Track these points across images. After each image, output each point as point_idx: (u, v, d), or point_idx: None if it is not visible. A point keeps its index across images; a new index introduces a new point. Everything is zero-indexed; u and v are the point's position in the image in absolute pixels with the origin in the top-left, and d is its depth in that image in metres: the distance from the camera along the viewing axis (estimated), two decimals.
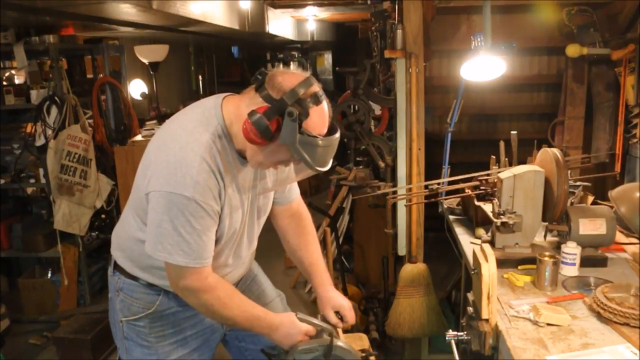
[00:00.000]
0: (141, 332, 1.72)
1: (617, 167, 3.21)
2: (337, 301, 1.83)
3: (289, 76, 1.47)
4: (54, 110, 3.66)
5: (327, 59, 10.61)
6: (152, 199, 1.51)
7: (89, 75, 4.53)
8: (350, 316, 1.83)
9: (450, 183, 2.67)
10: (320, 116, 1.47)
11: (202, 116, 1.56)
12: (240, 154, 1.57)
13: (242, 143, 1.53)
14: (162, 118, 5.15)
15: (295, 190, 1.92)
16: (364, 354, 1.80)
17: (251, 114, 1.43)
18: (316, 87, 1.47)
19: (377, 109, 3.83)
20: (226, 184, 1.55)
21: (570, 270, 1.95)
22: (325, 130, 1.49)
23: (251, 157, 1.54)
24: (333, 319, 1.81)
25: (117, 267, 1.74)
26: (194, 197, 1.46)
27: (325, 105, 1.49)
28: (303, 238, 1.92)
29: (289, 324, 1.67)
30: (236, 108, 1.53)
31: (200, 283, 1.56)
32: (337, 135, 1.51)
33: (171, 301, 1.71)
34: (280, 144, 1.44)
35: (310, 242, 1.92)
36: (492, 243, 2.09)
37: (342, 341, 1.71)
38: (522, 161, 2.46)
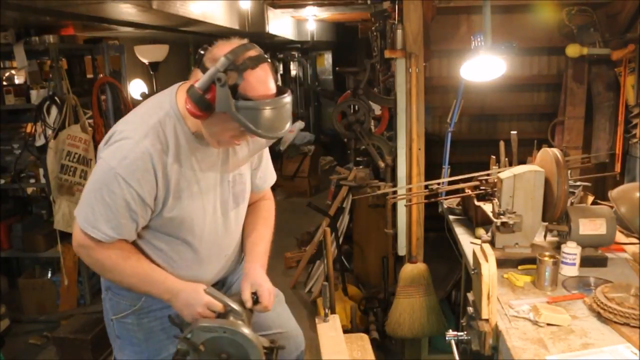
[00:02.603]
0: (131, 330, 1.73)
1: (617, 167, 3.21)
2: (258, 279, 1.72)
3: (225, 45, 1.46)
4: (54, 110, 3.66)
5: (327, 59, 10.61)
6: None
7: (89, 75, 4.53)
8: (266, 299, 1.69)
9: (450, 183, 2.67)
10: (258, 79, 1.43)
11: (155, 102, 1.60)
12: (198, 136, 1.56)
13: (196, 124, 1.53)
14: None
15: (269, 180, 1.90)
16: (270, 346, 1.68)
17: (189, 88, 1.44)
18: (253, 52, 1.45)
19: (377, 109, 3.83)
20: (171, 167, 1.52)
21: (570, 270, 1.95)
22: (269, 94, 1.44)
23: (207, 136, 1.53)
24: (246, 294, 1.68)
25: None
26: (116, 169, 1.47)
27: (265, 67, 1.45)
28: (253, 217, 1.88)
29: (190, 292, 1.60)
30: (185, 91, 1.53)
31: (91, 242, 1.55)
32: (285, 97, 1.45)
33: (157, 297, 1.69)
34: (222, 120, 1.43)
35: (259, 223, 1.87)
36: (492, 243, 2.09)
37: (247, 328, 1.60)
38: (522, 161, 2.46)
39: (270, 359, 1.67)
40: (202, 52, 1.49)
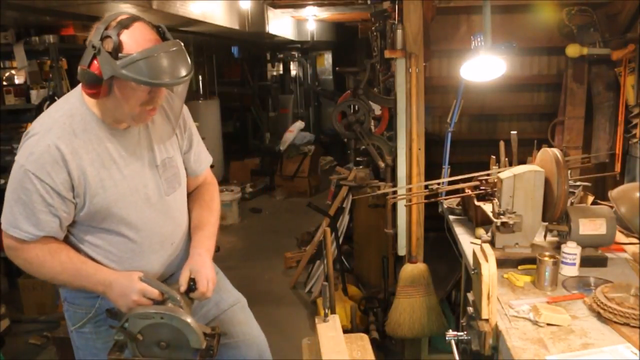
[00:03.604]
0: (90, 339, 1.71)
1: (617, 167, 3.21)
2: (197, 265, 1.67)
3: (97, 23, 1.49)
4: None
5: (327, 59, 10.61)
6: None
7: None
8: (203, 285, 1.64)
9: (450, 183, 2.67)
10: (134, 35, 1.44)
11: (62, 99, 1.63)
12: (112, 125, 1.57)
13: (106, 113, 1.54)
14: None
15: (204, 163, 1.89)
16: (211, 332, 1.63)
17: (78, 73, 1.48)
18: (124, 15, 1.47)
19: (377, 109, 3.83)
20: (85, 157, 1.52)
21: (570, 270, 1.95)
22: (150, 45, 1.44)
23: (119, 116, 1.53)
24: (182, 278, 1.64)
25: None
26: (25, 165, 1.48)
27: (140, 25, 1.47)
28: (195, 202, 1.87)
29: (124, 280, 1.56)
30: None
31: (16, 243, 1.55)
32: (169, 42, 1.46)
33: (111, 303, 1.65)
34: (115, 82, 1.44)
35: (202, 207, 1.86)
36: (492, 243, 2.09)
37: (185, 314, 1.55)
38: (522, 161, 2.46)
39: (211, 345, 1.61)
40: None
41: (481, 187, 2.44)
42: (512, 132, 2.58)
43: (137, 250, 1.65)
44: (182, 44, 1.50)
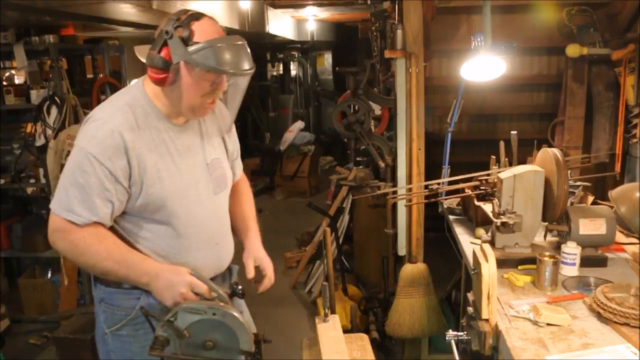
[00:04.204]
0: (126, 342, 1.67)
1: (617, 167, 3.21)
2: (260, 253, 1.75)
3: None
4: (54, 110, 3.66)
5: (327, 59, 10.60)
6: None
7: (89, 75, 4.53)
8: (271, 272, 1.70)
9: (450, 183, 2.67)
10: (204, 26, 1.49)
11: (124, 89, 1.68)
12: (171, 118, 1.60)
13: (167, 105, 1.57)
14: None
15: (239, 168, 1.92)
16: (256, 337, 1.54)
17: (147, 58, 1.51)
18: (193, 11, 1.53)
19: (377, 109, 3.83)
20: (145, 147, 1.53)
21: (570, 270, 1.95)
22: (219, 36, 1.50)
23: (179, 107, 1.56)
24: (250, 270, 1.68)
25: (96, 278, 1.69)
26: (86, 148, 1.48)
27: (210, 19, 1.52)
28: (237, 198, 1.90)
29: (172, 272, 1.52)
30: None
31: (65, 224, 1.53)
32: (235, 36, 1.51)
33: (152, 302, 1.62)
34: (182, 70, 1.48)
35: (243, 202, 1.92)
36: (492, 243, 2.09)
37: (238, 312, 1.48)
38: (522, 161, 2.46)
39: (258, 350, 1.53)
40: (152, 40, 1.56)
41: (481, 187, 2.44)
42: (512, 132, 2.58)
43: (184, 245, 1.64)
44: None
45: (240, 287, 1.58)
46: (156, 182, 1.56)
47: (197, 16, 1.50)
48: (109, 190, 1.51)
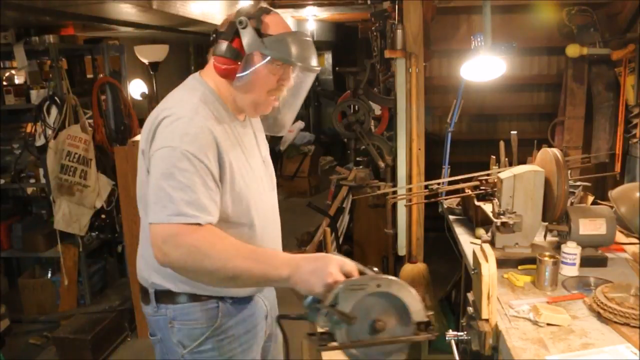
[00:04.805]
0: (210, 357, 1.54)
1: (617, 167, 3.22)
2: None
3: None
4: (54, 110, 3.66)
5: (327, 59, 10.60)
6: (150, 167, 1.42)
7: (89, 75, 4.53)
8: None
9: (450, 183, 2.67)
10: (276, 19, 1.48)
11: (184, 88, 1.54)
12: (236, 112, 1.55)
13: (231, 100, 1.52)
14: None
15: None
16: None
17: (215, 48, 1.47)
18: (263, 4, 1.50)
19: (377, 109, 3.83)
20: (225, 143, 1.45)
21: (570, 270, 1.95)
22: (289, 30, 1.48)
23: (243, 102, 1.51)
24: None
25: (159, 299, 1.54)
26: (181, 146, 1.34)
27: (278, 14, 1.50)
28: None
29: (311, 257, 1.31)
30: (211, 70, 1.52)
31: (178, 228, 1.32)
32: (303, 32, 1.51)
33: (231, 309, 1.55)
34: (254, 61, 1.43)
35: None
36: (492, 243, 2.09)
37: (395, 278, 1.29)
38: (522, 161, 2.46)
39: (430, 320, 1.33)
40: (214, 35, 1.51)
41: (481, 187, 2.44)
42: (512, 132, 2.58)
43: (256, 242, 1.54)
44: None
45: (375, 268, 1.37)
46: (237, 177, 1.48)
47: (267, 10, 1.48)
48: (211, 189, 1.39)
